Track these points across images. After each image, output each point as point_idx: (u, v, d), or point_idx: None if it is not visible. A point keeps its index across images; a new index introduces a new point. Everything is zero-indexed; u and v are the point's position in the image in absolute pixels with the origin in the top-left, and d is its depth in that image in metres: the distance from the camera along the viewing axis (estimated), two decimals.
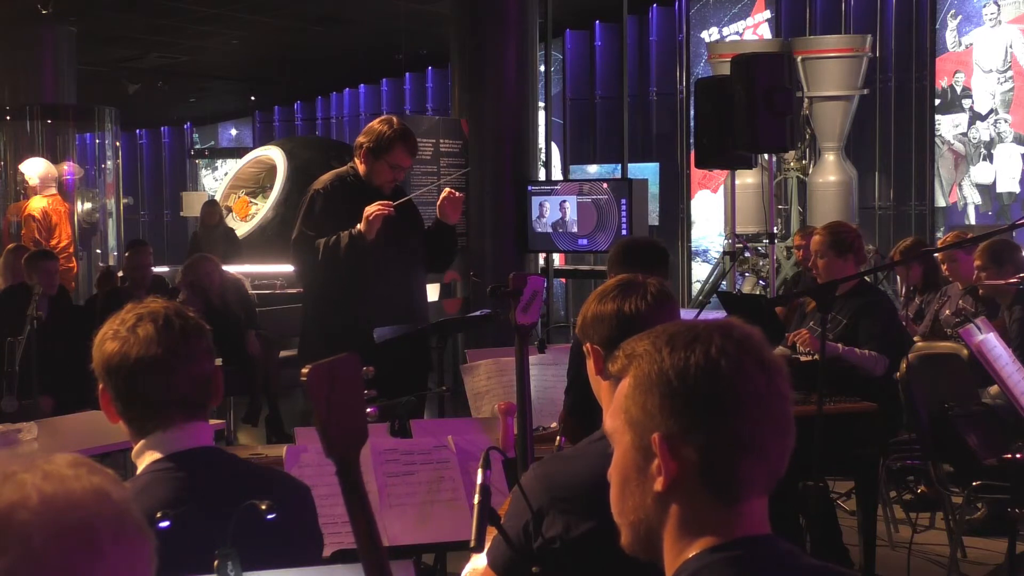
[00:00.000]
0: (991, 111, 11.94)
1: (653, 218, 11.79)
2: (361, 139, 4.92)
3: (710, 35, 13.40)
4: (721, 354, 1.34)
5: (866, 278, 6.29)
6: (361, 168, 4.90)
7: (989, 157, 12.00)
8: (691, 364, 1.34)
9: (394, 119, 4.96)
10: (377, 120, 4.99)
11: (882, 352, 4.98)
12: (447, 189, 4.98)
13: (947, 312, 6.36)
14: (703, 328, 1.39)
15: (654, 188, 12.53)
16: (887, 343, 5.06)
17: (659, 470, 1.35)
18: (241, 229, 11.69)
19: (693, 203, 13.67)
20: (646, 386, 1.37)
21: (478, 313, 5.05)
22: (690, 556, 1.35)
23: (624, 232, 9.09)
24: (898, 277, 8.59)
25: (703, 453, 1.33)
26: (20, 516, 0.98)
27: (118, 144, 12.05)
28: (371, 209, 4.74)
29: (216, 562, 1.83)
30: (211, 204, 11.78)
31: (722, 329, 1.38)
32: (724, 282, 10.99)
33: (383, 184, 4.90)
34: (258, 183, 12.42)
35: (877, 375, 4.99)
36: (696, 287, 13.31)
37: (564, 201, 9.43)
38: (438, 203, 4.95)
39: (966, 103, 12.11)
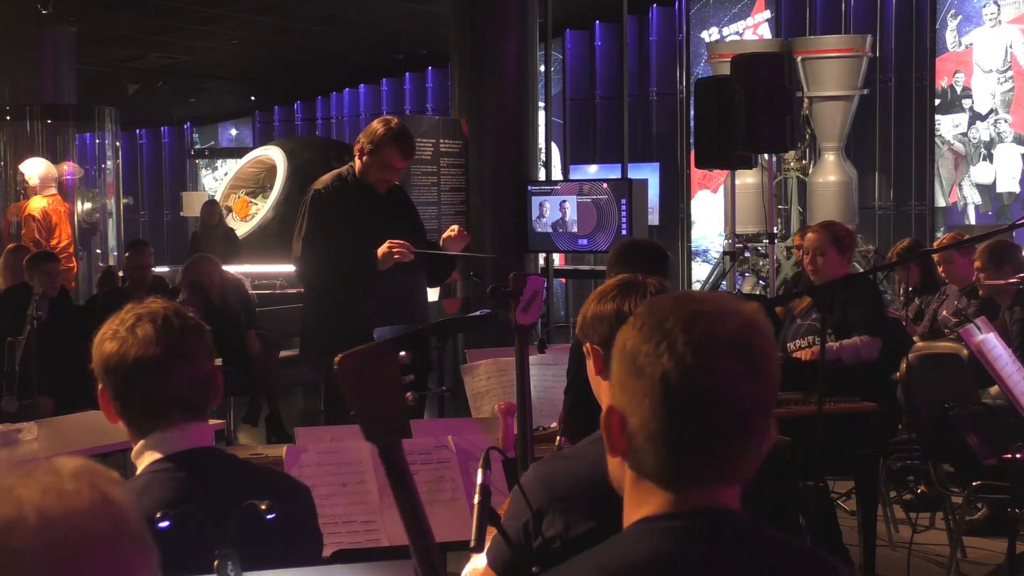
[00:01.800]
0: (991, 111, 11.94)
1: (653, 218, 11.79)
2: (360, 137, 4.94)
3: (710, 35, 13.40)
4: (670, 351, 1.33)
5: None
6: (357, 166, 4.91)
7: (989, 157, 12.00)
8: (641, 352, 1.36)
9: (393, 120, 4.96)
10: (378, 119, 5.00)
11: (873, 335, 4.98)
12: (456, 227, 5.01)
13: (944, 312, 6.36)
14: (675, 318, 1.36)
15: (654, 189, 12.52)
16: (877, 326, 5.07)
17: (608, 436, 1.40)
18: (241, 229, 11.68)
19: (693, 203, 13.67)
20: (616, 353, 1.41)
21: (478, 313, 5.04)
22: (636, 519, 1.38)
23: (624, 232, 9.09)
24: (896, 278, 8.59)
25: (636, 439, 1.36)
26: (14, 539, 0.95)
27: (118, 144, 12.05)
28: (396, 246, 4.74)
29: (216, 562, 1.83)
30: (211, 204, 11.78)
31: (691, 323, 1.35)
32: (724, 282, 10.98)
33: (376, 183, 4.89)
34: (258, 183, 12.42)
35: (875, 359, 4.98)
36: (696, 287, 13.31)
37: (564, 201, 9.43)
38: (444, 236, 4.98)
39: (966, 103, 12.11)
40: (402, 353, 2.91)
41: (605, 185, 9.41)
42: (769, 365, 1.37)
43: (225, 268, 8.04)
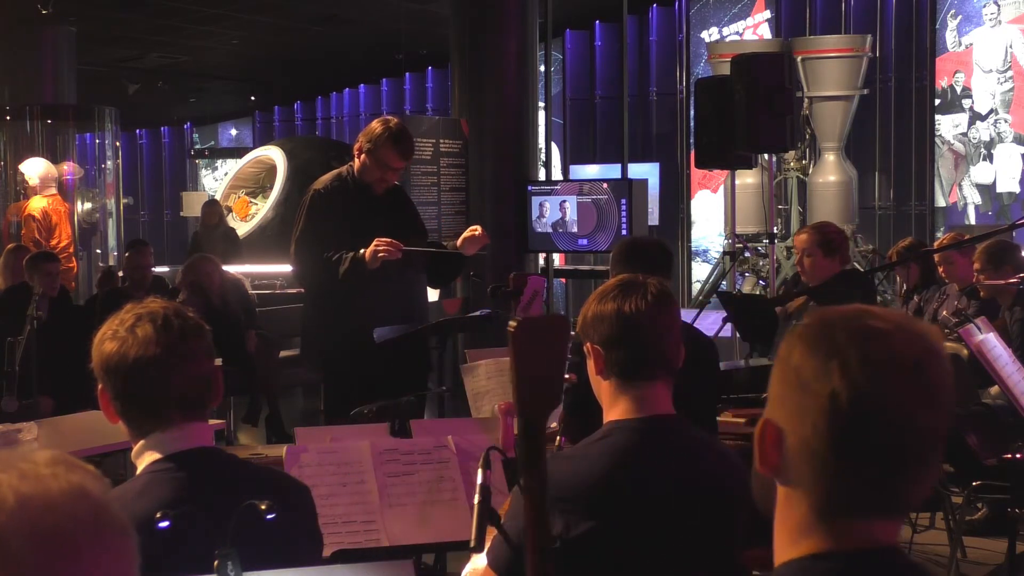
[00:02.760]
0: (991, 111, 11.94)
1: (653, 218, 11.79)
2: (359, 136, 4.93)
3: (710, 35, 13.40)
4: (841, 369, 1.23)
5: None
6: (356, 165, 4.89)
7: (989, 157, 12.00)
8: (808, 366, 1.25)
9: (392, 120, 4.95)
10: (377, 119, 4.99)
11: None
12: (478, 228, 4.94)
13: (945, 312, 6.36)
14: (847, 333, 1.25)
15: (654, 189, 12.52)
16: None
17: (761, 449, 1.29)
18: (241, 229, 11.68)
19: (693, 203, 13.67)
20: (779, 364, 1.30)
21: (478, 313, 5.04)
22: (792, 557, 1.28)
23: (624, 232, 9.08)
24: (897, 277, 8.60)
25: (793, 458, 1.25)
26: None
27: (118, 144, 12.05)
28: (382, 244, 4.69)
29: (216, 562, 1.83)
30: (211, 204, 11.76)
31: (865, 340, 1.25)
32: (724, 282, 10.98)
33: (374, 183, 4.88)
34: (258, 183, 12.42)
35: None
36: (696, 287, 13.31)
37: (564, 201, 9.43)
38: (463, 236, 4.91)
39: (966, 103, 12.11)
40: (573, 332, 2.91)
41: (605, 185, 9.41)
42: (945, 392, 1.28)
43: (225, 268, 8.04)
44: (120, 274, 8.64)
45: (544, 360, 1.38)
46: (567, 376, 1.46)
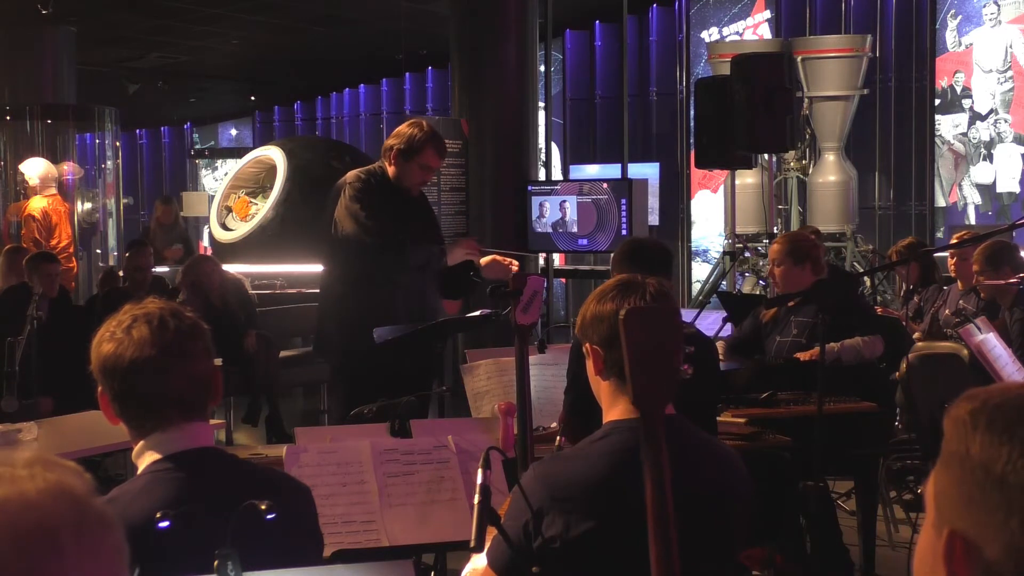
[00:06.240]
0: (991, 111, 11.94)
1: (653, 218, 11.79)
2: (392, 141, 4.96)
3: (710, 35, 13.39)
4: None
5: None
6: (391, 170, 4.93)
7: (989, 157, 12.00)
8: (1000, 457, 1.07)
9: (424, 122, 5.03)
10: (406, 123, 5.03)
11: (873, 332, 4.96)
12: (516, 265, 4.95)
13: (947, 312, 6.37)
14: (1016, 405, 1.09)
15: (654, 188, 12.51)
16: (871, 322, 5.05)
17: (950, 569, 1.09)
18: (241, 229, 11.67)
19: (693, 203, 13.67)
20: (951, 462, 1.11)
21: (478, 313, 5.04)
22: None
23: (624, 232, 9.08)
24: (897, 277, 8.61)
25: (999, 570, 1.05)
26: None
27: (118, 144, 12.05)
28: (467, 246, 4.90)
29: (216, 562, 1.83)
30: (167, 202, 11.61)
31: None
32: (724, 282, 10.99)
33: (413, 185, 4.96)
34: (258, 183, 12.40)
35: (879, 354, 4.96)
36: (696, 287, 13.31)
37: (564, 201, 9.43)
38: (494, 257, 4.98)
39: (966, 103, 12.11)
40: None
41: (605, 185, 9.41)
42: None
43: (225, 268, 8.06)
44: (120, 274, 8.65)
45: (659, 349, 1.36)
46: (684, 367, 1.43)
